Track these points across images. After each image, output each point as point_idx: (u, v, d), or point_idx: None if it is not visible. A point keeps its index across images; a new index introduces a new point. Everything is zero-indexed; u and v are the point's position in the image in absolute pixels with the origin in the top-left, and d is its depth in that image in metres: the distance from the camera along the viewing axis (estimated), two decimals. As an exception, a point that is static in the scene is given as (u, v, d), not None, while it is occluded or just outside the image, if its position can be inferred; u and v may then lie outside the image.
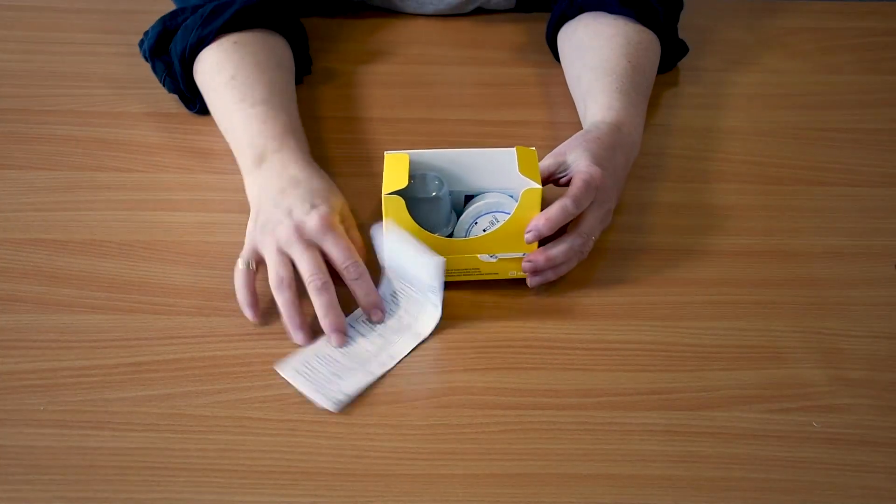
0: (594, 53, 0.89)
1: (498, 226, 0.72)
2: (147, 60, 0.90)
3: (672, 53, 0.98)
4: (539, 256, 0.73)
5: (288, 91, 0.85)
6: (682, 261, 0.79)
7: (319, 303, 0.70)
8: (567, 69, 0.94)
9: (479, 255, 0.73)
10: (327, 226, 0.71)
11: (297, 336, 0.70)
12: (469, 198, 0.75)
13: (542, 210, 0.72)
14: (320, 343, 0.71)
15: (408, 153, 0.73)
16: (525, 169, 0.72)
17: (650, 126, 0.92)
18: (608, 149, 0.77)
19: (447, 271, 0.72)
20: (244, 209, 0.81)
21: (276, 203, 0.74)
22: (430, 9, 1.04)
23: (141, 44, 0.90)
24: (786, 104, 0.97)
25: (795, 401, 0.69)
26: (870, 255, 0.81)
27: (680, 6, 0.97)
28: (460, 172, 0.74)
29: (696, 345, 0.73)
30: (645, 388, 0.70)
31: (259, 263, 0.73)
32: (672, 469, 0.65)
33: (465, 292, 0.75)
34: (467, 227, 0.74)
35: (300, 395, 0.68)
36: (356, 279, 0.71)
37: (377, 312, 0.72)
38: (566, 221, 0.73)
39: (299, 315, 0.70)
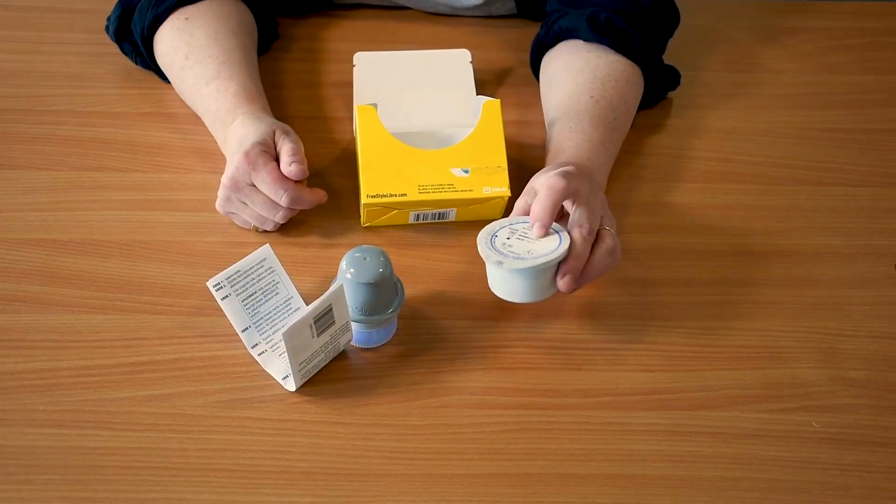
0: (559, 89, 0.86)
1: (516, 236, 0.69)
2: (115, 43, 0.92)
3: (659, 82, 0.91)
4: (582, 282, 0.69)
5: (243, 56, 0.85)
6: (682, 261, 0.79)
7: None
8: (543, 105, 0.90)
9: (451, 170, 0.76)
10: (245, 166, 0.74)
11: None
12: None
13: (501, 120, 0.78)
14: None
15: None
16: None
17: (650, 127, 0.92)
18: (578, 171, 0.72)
19: (424, 187, 0.76)
20: (244, 209, 0.81)
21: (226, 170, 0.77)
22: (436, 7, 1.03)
23: (107, 28, 0.92)
24: (786, 104, 0.96)
25: (795, 401, 0.69)
26: (870, 255, 0.81)
27: (666, 32, 0.91)
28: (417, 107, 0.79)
29: (696, 345, 0.73)
30: (645, 388, 0.70)
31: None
32: (672, 469, 0.65)
33: (464, 293, 0.75)
34: (489, 239, 0.69)
35: (300, 395, 0.68)
36: (282, 211, 0.76)
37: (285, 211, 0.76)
38: (557, 199, 0.68)
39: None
